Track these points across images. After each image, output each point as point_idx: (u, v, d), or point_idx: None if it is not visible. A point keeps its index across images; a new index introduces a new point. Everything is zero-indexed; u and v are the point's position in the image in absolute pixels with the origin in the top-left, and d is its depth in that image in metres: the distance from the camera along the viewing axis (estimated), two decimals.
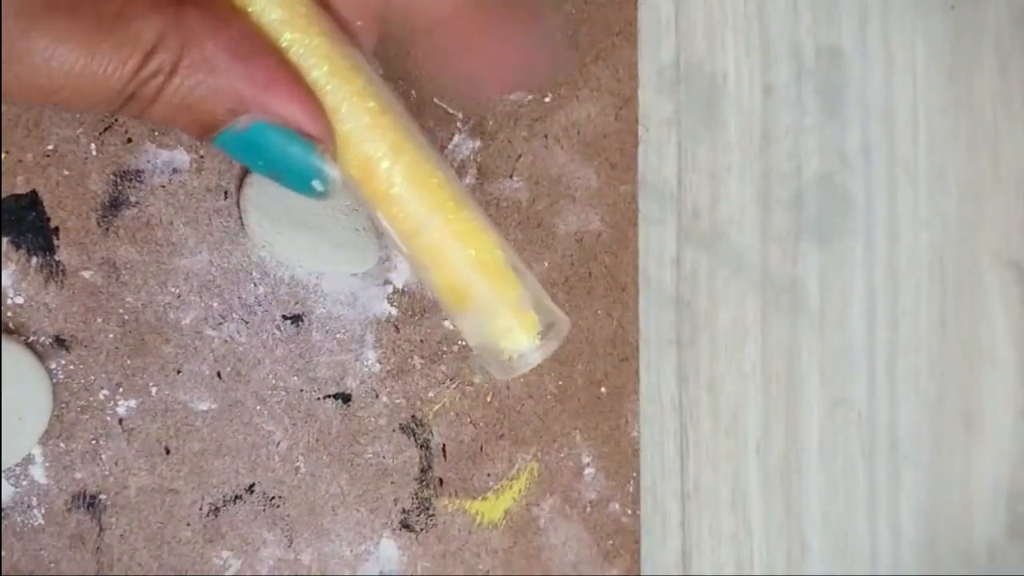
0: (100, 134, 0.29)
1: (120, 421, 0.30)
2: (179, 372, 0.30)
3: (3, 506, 0.29)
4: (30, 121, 0.29)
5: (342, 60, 0.21)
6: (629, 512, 0.33)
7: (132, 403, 0.30)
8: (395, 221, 0.22)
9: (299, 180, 0.21)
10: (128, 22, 0.19)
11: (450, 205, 0.22)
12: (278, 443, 0.31)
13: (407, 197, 0.22)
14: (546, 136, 0.33)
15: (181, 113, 0.20)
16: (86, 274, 0.29)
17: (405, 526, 0.32)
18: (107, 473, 0.29)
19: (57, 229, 0.29)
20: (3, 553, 0.29)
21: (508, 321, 0.22)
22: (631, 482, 0.33)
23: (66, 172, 0.29)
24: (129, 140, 0.29)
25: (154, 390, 0.30)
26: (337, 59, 0.21)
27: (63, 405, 0.29)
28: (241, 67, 0.20)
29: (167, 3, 0.20)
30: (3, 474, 0.29)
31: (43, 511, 0.29)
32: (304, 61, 0.21)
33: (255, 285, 0.30)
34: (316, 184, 0.21)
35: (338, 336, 0.31)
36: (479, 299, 0.22)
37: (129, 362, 0.30)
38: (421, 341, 0.32)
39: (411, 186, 0.21)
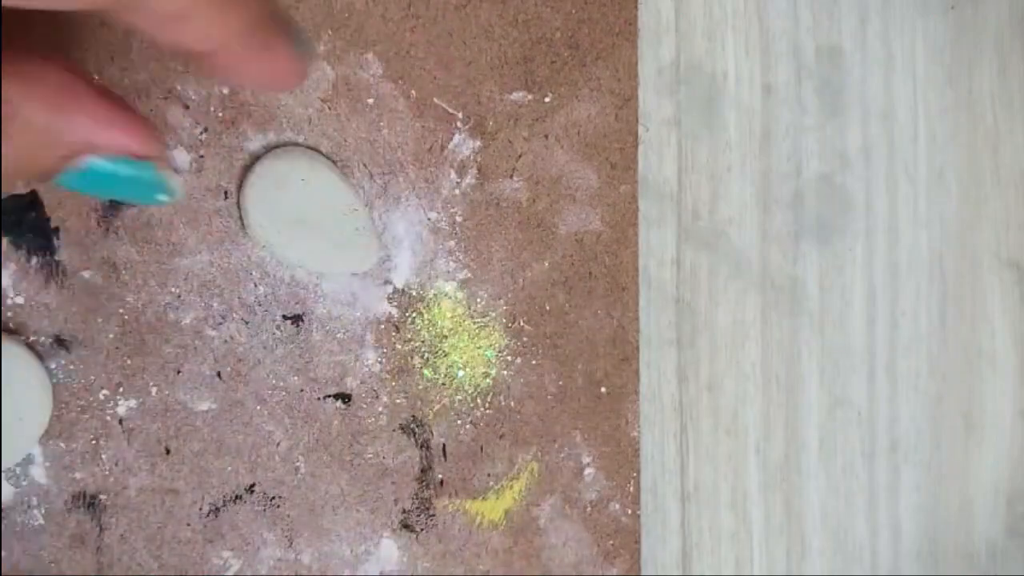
0: None
1: (120, 421, 0.30)
2: (179, 372, 0.30)
3: (3, 506, 0.29)
4: None
5: None
6: (629, 512, 0.33)
7: (132, 403, 0.30)
8: None
9: (145, 197, 0.23)
10: None
11: None
12: (278, 443, 0.31)
13: None
14: (546, 136, 0.33)
15: (18, 171, 0.21)
16: (86, 274, 0.29)
17: (405, 526, 0.32)
18: (107, 473, 0.29)
19: (57, 229, 0.29)
20: (3, 553, 0.29)
21: None
22: (631, 482, 0.33)
23: None
24: None
25: (154, 390, 0.30)
26: None
27: (63, 405, 0.29)
28: (62, 118, 0.21)
29: None
30: (3, 474, 0.29)
31: (43, 511, 0.29)
32: None
33: (255, 285, 0.30)
34: (161, 197, 0.23)
35: (338, 336, 0.31)
36: None
37: (129, 362, 0.30)
38: (421, 341, 0.32)
39: None
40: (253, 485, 0.31)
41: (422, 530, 0.32)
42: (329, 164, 0.30)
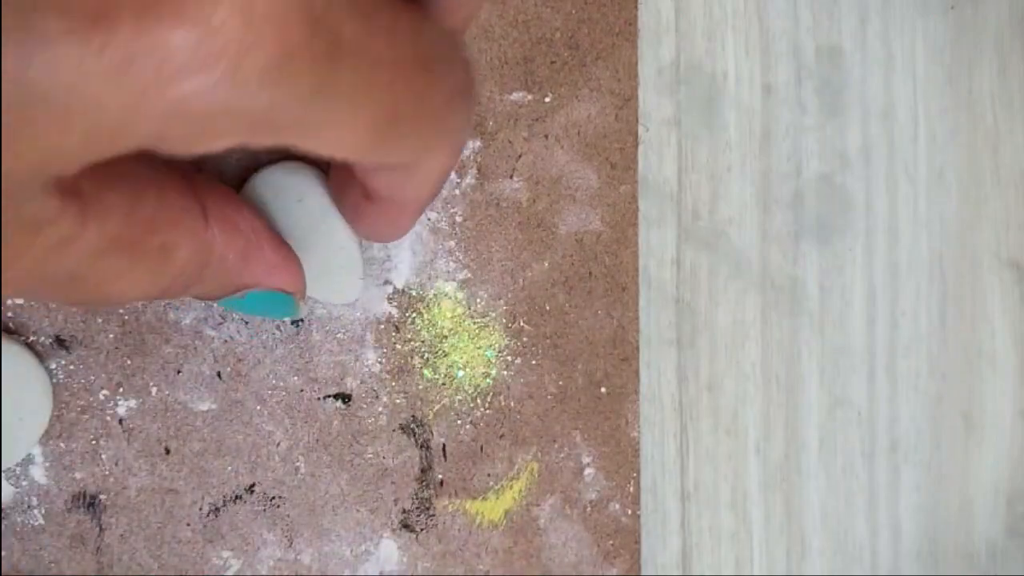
0: None
1: (120, 421, 0.30)
2: (179, 372, 0.30)
3: (3, 506, 0.29)
4: None
5: None
6: (629, 512, 0.33)
7: (132, 403, 0.30)
8: None
9: (275, 315, 0.27)
10: (167, 252, 0.21)
11: None
12: (278, 443, 0.31)
13: None
14: (546, 136, 0.33)
15: (195, 296, 0.24)
16: None
17: (405, 526, 0.32)
18: (107, 473, 0.29)
19: None
20: (3, 553, 0.29)
21: None
22: (631, 482, 0.33)
23: None
24: None
25: (154, 390, 0.30)
26: None
27: (63, 405, 0.29)
28: (248, 266, 0.24)
29: (196, 221, 0.22)
30: (3, 474, 0.29)
31: (43, 511, 0.29)
32: None
33: None
34: (287, 317, 0.28)
35: (338, 336, 0.31)
36: None
37: (129, 362, 0.30)
38: (421, 341, 0.32)
39: None
40: (253, 485, 0.31)
41: (422, 530, 0.32)
42: (328, 190, 0.29)
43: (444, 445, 0.32)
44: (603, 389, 0.33)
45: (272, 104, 0.17)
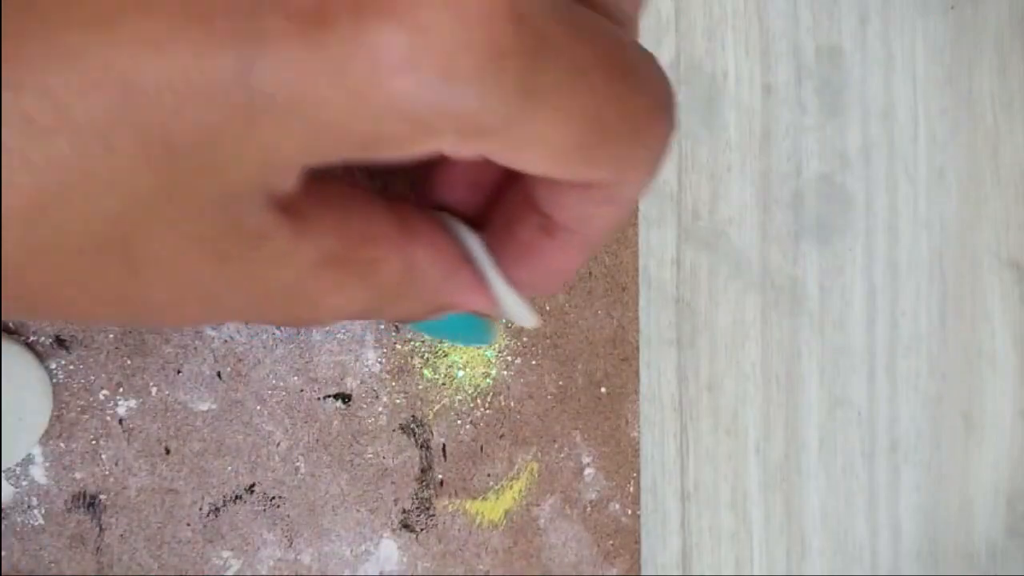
0: None
1: (120, 421, 0.30)
2: (179, 372, 0.30)
3: (3, 506, 0.29)
4: None
5: None
6: (629, 512, 0.33)
7: (132, 403, 0.30)
8: None
9: (468, 343, 0.28)
10: (375, 266, 0.21)
11: None
12: (278, 443, 0.31)
13: None
14: None
15: (397, 317, 0.23)
16: None
17: (405, 526, 0.32)
18: (107, 473, 0.29)
19: None
20: (3, 553, 0.29)
21: None
22: (631, 482, 0.33)
23: None
24: None
25: (154, 390, 0.30)
26: None
27: (63, 405, 0.29)
28: (448, 284, 0.23)
29: (400, 237, 0.22)
30: (3, 474, 0.29)
31: (43, 511, 0.29)
32: None
33: None
34: (479, 345, 0.28)
35: (338, 336, 0.31)
36: None
37: (129, 362, 0.30)
38: (421, 341, 0.32)
39: None
40: (253, 485, 0.31)
41: (422, 530, 0.32)
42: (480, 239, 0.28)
43: (444, 445, 0.32)
44: (603, 389, 0.33)
45: (482, 103, 0.17)
